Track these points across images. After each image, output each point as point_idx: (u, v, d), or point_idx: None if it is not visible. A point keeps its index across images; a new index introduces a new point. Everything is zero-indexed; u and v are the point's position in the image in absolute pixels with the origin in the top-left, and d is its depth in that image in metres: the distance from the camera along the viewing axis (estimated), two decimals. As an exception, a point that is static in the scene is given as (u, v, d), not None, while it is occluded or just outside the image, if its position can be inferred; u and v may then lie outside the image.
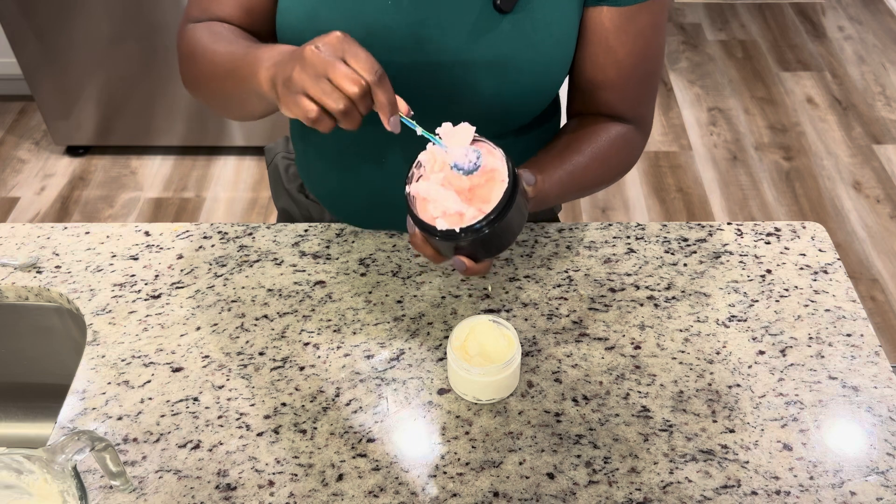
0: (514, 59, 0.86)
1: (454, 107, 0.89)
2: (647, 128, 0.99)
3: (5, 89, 2.85)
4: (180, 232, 1.06)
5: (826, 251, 1.02)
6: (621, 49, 0.90)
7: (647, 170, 2.58)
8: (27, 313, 1.01)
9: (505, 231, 0.74)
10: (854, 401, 0.85)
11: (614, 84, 0.92)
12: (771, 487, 0.77)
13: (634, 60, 0.91)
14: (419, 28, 0.85)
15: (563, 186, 0.89)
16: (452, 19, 0.85)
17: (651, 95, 0.97)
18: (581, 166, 0.91)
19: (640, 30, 0.89)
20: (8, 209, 2.45)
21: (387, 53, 0.86)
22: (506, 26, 0.85)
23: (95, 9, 2.28)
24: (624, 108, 0.95)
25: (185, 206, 2.46)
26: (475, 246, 0.74)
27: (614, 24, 0.88)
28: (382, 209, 1.01)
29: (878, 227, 2.36)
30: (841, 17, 3.33)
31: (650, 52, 0.92)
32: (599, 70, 0.91)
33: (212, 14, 0.92)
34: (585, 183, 0.93)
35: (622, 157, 0.96)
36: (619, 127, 0.95)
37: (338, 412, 0.85)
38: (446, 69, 0.86)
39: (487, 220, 0.71)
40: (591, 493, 0.77)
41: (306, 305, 0.96)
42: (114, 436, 0.83)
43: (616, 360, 0.89)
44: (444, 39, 0.85)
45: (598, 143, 0.93)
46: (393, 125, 0.73)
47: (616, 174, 0.98)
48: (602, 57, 0.90)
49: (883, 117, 2.77)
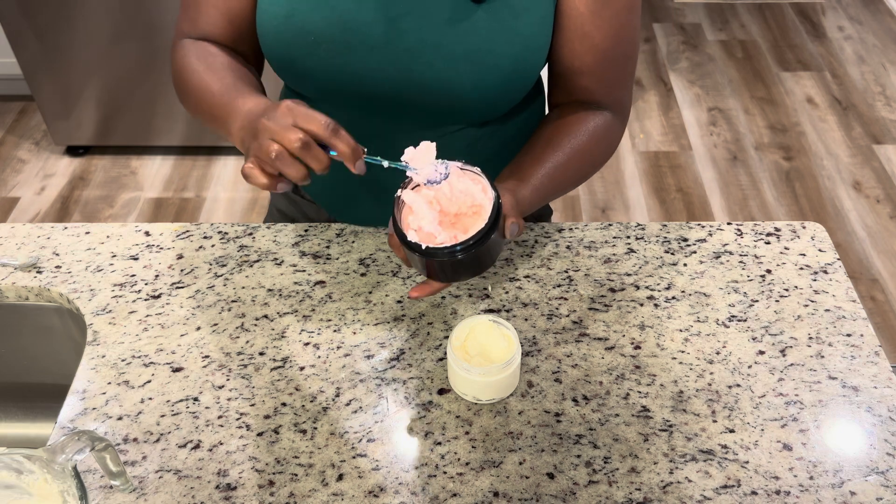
0: (491, 48, 0.86)
1: (434, 99, 0.89)
2: (626, 112, 1.00)
3: (5, 89, 2.85)
4: (180, 232, 1.06)
5: (826, 251, 1.02)
6: (597, 34, 0.90)
7: (647, 170, 2.58)
8: (27, 313, 1.02)
9: (470, 264, 0.78)
10: (854, 401, 0.85)
11: (591, 70, 0.93)
12: (771, 487, 0.78)
13: (611, 44, 0.91)
14: (396, 22, 0.86)
15: (541, 190, 0.90)
16: (429, 11, 0.86)
17: (628, 79, 0.98)
18: (561, 165, 0.92)
19: (616, 12, 0.89)
20: (8, 209, 2.45)
21: (365, 49, 0.87)
22: (482, 16, 0.85)
23: (95, 9, 2.28)
24: (602, 93, 0.95)
25: (185, 206, 2.46)
26: (439, 266, 0.78)
27: (589, 9, 0.88)
28: (379, 208, 1.01)
29: (878, 227, 2.36)
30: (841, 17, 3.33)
31: (625, 35, 0.92)
32: (576, 56, 0.92)
33: (200, 28, 0.95)
34: (567, 180, 0.94)
35: (602, 147, 0.97)
36: (598, 117, 0.95)
37: (338, 412, 0.85)
38: (425, 62, 0.87)
39: (452, 250, 0.75)
40: (591, 493, 0.77)
41: (306, 305, 0.96)
42: (114, 436, 0.83)
43: (616, 360, 0.89)
44: (422, 32, 0.86)
45: (577, 139, 0.93)
46: (359, 169, 0.76)
47: (598, 164, 0.98)
48: (578, 43, 0.91)
49: (883, 117, 2.77)
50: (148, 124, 2.53)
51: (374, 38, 0.87)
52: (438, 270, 0.79)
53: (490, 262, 0.81)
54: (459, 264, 0.77)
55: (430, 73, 0.87)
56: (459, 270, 0.79)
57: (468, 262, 0.77)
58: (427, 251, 0.75)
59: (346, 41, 0.87)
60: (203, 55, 0.92)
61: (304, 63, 0.89)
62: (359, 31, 0.87)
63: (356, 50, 0.87)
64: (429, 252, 0.75)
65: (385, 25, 0.86)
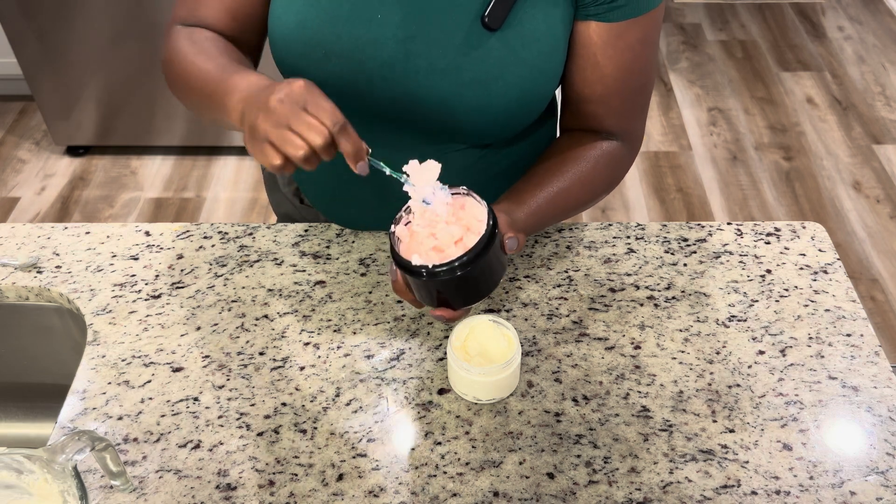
0: (500, 76, 0.86)
1: (439, 119, 0.89)
2: (637, 143, 0.99)
3: (5, 89, 2.85)
4: (180, 232, 1.06)
5: (826, 251, 1.02)
6: (609, 64, 0.89)
7: (647, 170, 2.58)
8: (27, 313, 1.02)
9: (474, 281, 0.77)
10: (854, 401, 0.85)
11: (602, 98, 0.92)
12: (771, 487, 0.78)
13: (622, 75, 0.90)
14: (408, 43, 0.85)
15: (538, 215, 0.89)
16: (441, 35, 0.85)
17: (640, 111, 0.97)
18: (562, 191, 0.91)
19: (629, 45, 0.88)
20: (8, 209, 2.45)
21: (374, 67, 0.86)
22: (494, 43, 0.85)
23: (95, 9, 2.28)
24: (611, 122, 0.94)
25: (185, 206, 2.46)
26: (447, 290, 0.77)
27: (602, 40, 0.88)
28: (378, 213, 1.01)
29: (878, 227, 2.36)
30: (841, 17, 3.33)
31: (638, 67, 0.91)
32: (587, 84, 0.91)
33: (198, 16, 0.92)
34: (568, 206, 0.93)
35: (606, 175, 0.96)
36: (606, 145, 0.94)
37: (338, 412, 0.85)
38: (434, 83, 0.86)
39: (450, 266, 0.74)
40: (591, 493, 0.77)
41: (306, 305, 0.96)
42: (114, 436, 0.83)
43: (616, 360, 0.89)
44: (432, 55, 0.85)
45: (580, 165, 0.92)
46: (361, 170, 0.75)
47: (601, 192, 0.97)
48: (590, 72, 0.90)
49: (883, 117, 2.77)
50: (148, 124, 2.53)
51: (383, 57, 0.86)
52: (445, 293, 0.78)
53: (495, 280, 0.80)
54: (463, 282, 0.76)
55: (437, 96, 0.87)
56: (464, 289, 0.78)
57: (471, 279, 0.76)
58: (428, 271, 0.74)
59: (355, 58, 0.86)
60: (198, 39, 0.89)
61: (313, 75, 0.87)
62: (368, 50, 0.86)
63: (365, 67, 0.87)
64: (430, 272, 0.74)
65: (395, 46, 0.85)
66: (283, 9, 0.88)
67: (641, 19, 0.87)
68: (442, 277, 0.74)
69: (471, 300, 0.80)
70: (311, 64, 0.87)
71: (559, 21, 0.86)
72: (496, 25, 0.84)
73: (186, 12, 0.93)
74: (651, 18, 0.88)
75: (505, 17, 0.84)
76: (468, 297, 0.80)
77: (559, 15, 0.86)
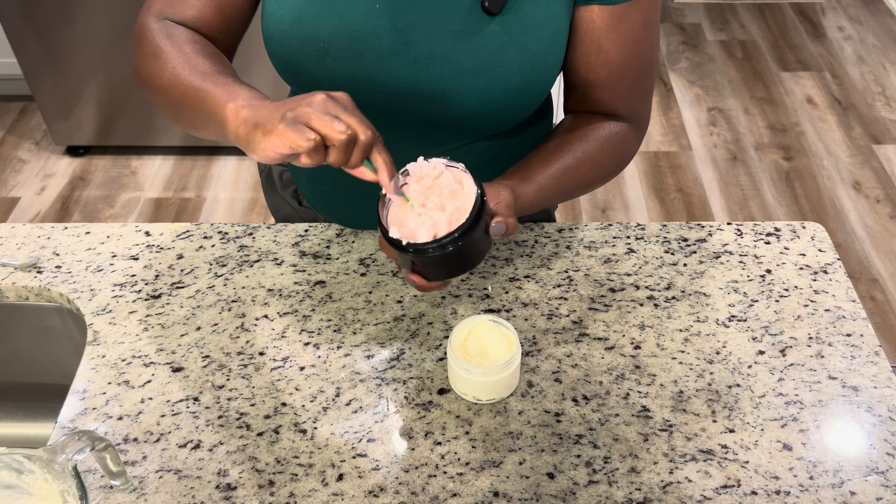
0: (501, 63, 0.85)
1: (440, 110, 0.88)
2: (644, 125, 0.99)
3: (5, 89, 2.85)
4: (180, 232, 1.06)
5: (826, 251, 1.02)
6: (612, 48, 0.89)
7: (647, 170, 2.58)
8: (27, 313, 1.02)
9: (454, 260, 0.77)
10: (854, 401, 0.85)
11: (607, 83, 0.92)
12: (771, 487, 0.78)
13: (626, 59, 0.90)
14: (406, 32, 0.85)
15: (546, 191, 0.89)
16: (439, 22, 0.84)
17: (646, 93, 0.97)
18: (570, 168, 0.91)
19: (631, 28, 0.88)
20: (8, 209, 2.45)
21: (373, 59, 0.86)
22: (494, 28, 0.84)
23: (95, 9, 2.28)
24: (618, 106, 0.94)
25: (185, 206, 2.46)
26: (421, 263, 0.77)
27: (605, 23, 0.87)
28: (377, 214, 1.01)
29: (878, 227, 2.36)
30: (841, 17, 3.33)
31: (642, 50, 0.91)
32: (591, 70, 0.91)
33: (179, 9, 0.88)
34: (575, 184, 0.93)
35: (615, 156, 0.95)
36: (613, 125, 0.94)
37: (338, 412, 0.85)
38: (432, 73, 0.86)
39: (428, 246, 0.74)
40: (591, 493, 0.77)
41: (306, 305, 0.96)
42: (114, 436, 0.83)
43: (616, 360, 0.89)
44: (431, 43, 0.85)
45: (588, 144, 0.92)
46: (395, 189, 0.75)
47: (609, 173, 0.97)
48: (594, 56, 0.90)
49: (883, 117, 2.77)
50: (148, 124, 2.53)
51: (381, 48, 0.86)
52: (421, 266, 0.79)
53: (475, 261, 0.80)
54: (442, 260, 0.76)
55: (437, 85, 0.86)
56: (442, 267, 0.78)
57: (451, 258, 0.76)
58: (407, 247, 0.75)
59: (353, 50, 0.86)
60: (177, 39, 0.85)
61: (311, 70, 0.88)
62: (366, 41, 0.85)
63: (363, 59, 0.86)
64: (409, 248, 0.75)
65: (393, 36, 0.85)
66: (277, 4, 0.87)
67: (642, 1, 0.87)
68: (416, 256, 0.75)
69: (443, 278, 0.81)
70: (309, 58, 0.87)
71: (560, 7, 0.86)
72: (496, 10, 0.83)
73: (165, 5, 0.88)
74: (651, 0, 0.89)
75: (505, 1, 0.83)
76: (441, 276, 0.80)
77: (561, 0, 0.86)
